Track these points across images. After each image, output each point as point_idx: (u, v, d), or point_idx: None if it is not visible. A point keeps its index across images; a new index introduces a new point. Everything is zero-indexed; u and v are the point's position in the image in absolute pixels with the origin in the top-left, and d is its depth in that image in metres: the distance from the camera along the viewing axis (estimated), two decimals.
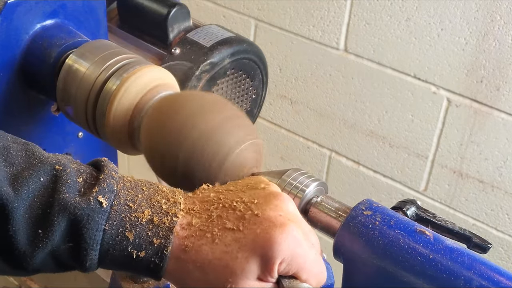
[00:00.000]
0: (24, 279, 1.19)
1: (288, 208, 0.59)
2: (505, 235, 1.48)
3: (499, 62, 1.35)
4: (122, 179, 0.61)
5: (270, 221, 0.57)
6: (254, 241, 0.56)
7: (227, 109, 0.78)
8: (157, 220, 0.58)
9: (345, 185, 1.73)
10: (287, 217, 0.58)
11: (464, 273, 0.63)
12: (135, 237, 0.57)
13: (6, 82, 0.89)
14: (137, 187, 0.61)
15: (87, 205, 0.57)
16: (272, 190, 0.61)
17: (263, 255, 0.56)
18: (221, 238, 0.57)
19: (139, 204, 0.59)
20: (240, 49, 1.03)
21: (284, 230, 0.56)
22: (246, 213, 0.58)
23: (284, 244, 0.56)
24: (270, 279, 0.57)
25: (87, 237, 0.56)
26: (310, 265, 0.58)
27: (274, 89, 1.76)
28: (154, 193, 0.60)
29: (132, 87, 0.82)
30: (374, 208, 0.70)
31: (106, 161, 0.63)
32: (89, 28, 0.97)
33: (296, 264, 0.57)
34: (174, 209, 0.59)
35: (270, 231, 0.56)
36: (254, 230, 0.56)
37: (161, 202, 0.59)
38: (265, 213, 0.57)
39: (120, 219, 0.57)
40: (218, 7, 1.77)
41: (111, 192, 0.58)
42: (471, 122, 1.43)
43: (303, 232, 0.59)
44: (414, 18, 1.43)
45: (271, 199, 0.59)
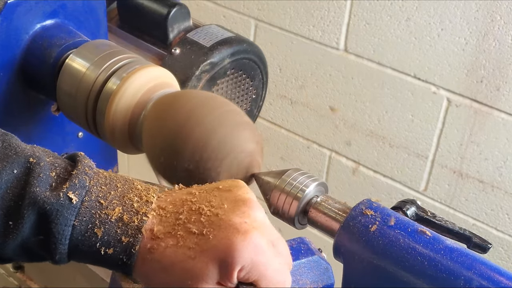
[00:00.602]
0: (24, 279, 1.19)
1: (256, 215, 0.59)
2: (505, 235, 1.48)
3: (499, 62, 1.35)
4: (97, 174, 0.61)
5: (233, 228, 0.56)
6: (215, 246, 0.56)
7: (227, 108, 0.78)
8: (127, 218, 0.58)
9: (345, 185, 1.73)
10: (252, 224, 0.57)
11: (464, 273, 0.63)
12: (104, 234, 0.58)
13: (6, 82, 0.89)
14: (111, 183, 0.61)
15: (56, 200, 0.57)
16: (243, 196, 0.60)
17: (223, 260, 0.56)
18: (184, 241, 0.57)
19: (110, 201, 0.59)
20: (240, 49, 1.03)
21: (246, 237, 0.56)
22: (212, 218, 0.58)
23: (245, 251, 0.56)
24: (230, 284, 0.57)
25: (56, 231, 0.57)
26: (271, 274, 0.57)
27: (274, 89, 1.76)
28: (128, 191, 0.60)
29: (132, 87, 0.82)
30: (374, 208, 0.70)
31: (82, 156, 0.63)
32: (89, 28, 0.97)
33: (256, 272, 0.56)
34: (145, 208, 0.59)
35: (232, 238, 0.56)
36: (216, 236, 0.56)
37: (133, 200, 0.59)
38: (231, 219, 0.57)
39: (90, 216, 0.58)
40: (218, 7, 1.77)
41: (82, 188, 0.59)
42: (471, 122, 1.43)
43: (268, 240, 0.58)
44: (414, 18, 1.43)
45: (240, 205, 0.59)
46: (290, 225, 0.77)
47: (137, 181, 0.62)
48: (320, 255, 0.80)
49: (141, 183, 0.62)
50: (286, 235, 0.83)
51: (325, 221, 0.74)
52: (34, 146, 0.63)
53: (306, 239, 0.84)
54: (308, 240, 0.84)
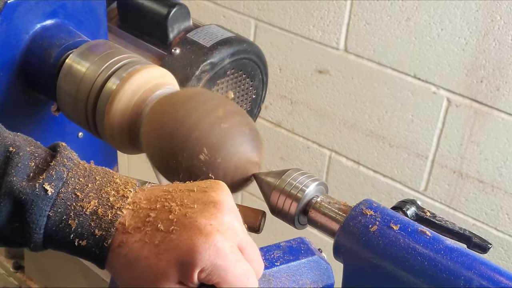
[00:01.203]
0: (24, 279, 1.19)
1: (223, 219, 0.58)
2: (505, 235, 1.48)
3: (499, 62, 1.35)
4: (77, 166, 0.62)
5: (197, 229, 0.56)
6: (178, 245, 0.56)
7: (227, 108, 0.78)
8: (102, 212, 0.59)
9: (345, 185, 1.73)
10: (217, 227, 0.57)
11: (464, 273, 0.63)
12: (78, 226, 0.58)
13: (6, 82, 0.89)
14: (90, 175, 0.61)
15: (32, 190, 0.58)
16: (216, 198, 0.60)
17: (183, 261, 0.56)
18: (151, 238, 0.57)
19: (87, 193, 0.60)
20: (240, 49, 1.03)
21: (207, 239, 0.56)
22: (180, 217, 0.58)
23: (205, 254, 0.55)
24: (190, 284, 0.57)
25: (30, 221, 0.58)
26: (232, 279, 0.57)
27: (274, 89, 1.76)
28: (106, 184, 0.61)
29: (132, 86, 0.82)
30: (374, 208, 0.70)
31: (62, 146, 0.63)
32: (89, 28, 0.97)
33: (217, 275, 0.56)
34: (120, 202, 0.59)
35: (194, 239, 0.56)
36: (180, 235, 0.57)
37: (109, 194, 0.60)
38: (197, 220, 0.57)
39: (65, 207, 0.59)
40: (218, 7, 1.77)
41: (59, 179, 0.59)
42: (471, 122, 1.43)
43: (233, 244, 0.58)
44: (414, 18, 1.43)
45: (210, 207, 0.59)
46: (290, 225, 0.77)
47: (117, 175, 0.63)
48: (320, 255, 0.80)
49: (121, 177, 0.62)
50: (286, 235, 0.83)
51: (325, 221, 0.74)
52: (17, 134, 0.63)
53: (306, 239, 0.84)
54: (308, 240, 0.84)
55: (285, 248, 0.82)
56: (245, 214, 0.75)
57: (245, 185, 0.78)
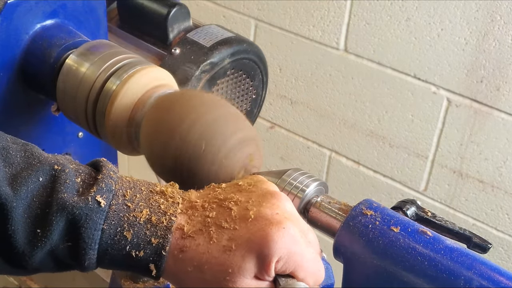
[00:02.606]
0: (24, 279, 1.19)
1: (285, 206, 0.59)
2: (505, 235, 1.48)
3: (499, 62, 1.35)
4: (121, 179, 0.61)
5: (266, 219, 0.56)
6: (250, 239, 0.56)
7: (226, 109, 0.78)
8: (155, 219, 0.58)
9: (345, 185, 1.73)
10: (284, 215, 0.57)
11: (464, 273, 0.63)
12: (133, 236, 0.57)
13: (6, 82, 0.89)
14: (135, 186, 0.61)
15: (85, 204, 0.57)
16: (270, 189, 0.61)
17: (259, 253, 0.55)
18: (217, 238, 0.57)
19: (137, 203, 0.59)
20: (240, 49, 1.03)
21: (280, 228, 0.56)
22: (242, 212, 0.58)
23: (281, 242, 0.55)
24: (267, 277, 0.57)
25: (86, 236, 0.57)
26: (307, 263, 0.57)
27: (274, 89, 1.76)
28: (153, 193, 0.60)
29: (132, 87, 0.82)
30: (374, 208, 0.70)
31: (104, 161, 0.63)
32: (89, 28, 0.97)
33: (293, 263, 0.56)
34: (172, 208, 0.59)
35: (267, 229, 0.56)
36: (250, 229, 0.56)
37: (159, 202, 0.59)
38: (262, 211, 0.57)
39: (119, 219, 0.58)
40: (218, 7, 1.77)
41: (109, 191, 0.59)
42: (471, 122, 1.43)
43: (301, 230, 0.58)
44: (414, 18, 1.43)
45: (268, 197, 0.59)
46: None
47: (159, 184, 0.62)
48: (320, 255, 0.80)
49: (164, 185, 0.62)
50: None
51: (325, 221, 0.74)
52: (56, 155, 0.62)
53: None
54: None
55: None
56: None
57: None
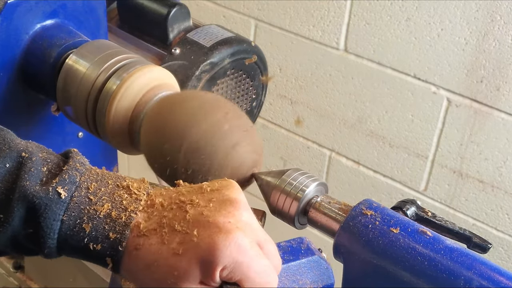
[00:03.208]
0: (24, 279, 1.19)
1: (241, 216, 0.58)
2: (505, 235, 1.48)
3: (499, 62, 1.35)
4: (89, 171, 0.62)
5: (217, 227, 0.56)
6: (198, 245, 0.56)
7: (226, 109, 0.78)
8: (115, 214, 0.58)
9: (345, 185, 1.73)
10: (236, 224, 0.57)
11: (464, 273, 0.63)
12: (92, 229, 0.58)
13: (6, 82, 0.89)
14: (103, 180, 0.61)
15: (45, 194, 0.58)
16: (231, 196, 0.60)
17: (205, 259, 0.56)
18: (168, 239, 0.57)
19: (100, 197, 0.60)
20: (240, 49, 1.03)
21: (228, 237, 0.56)
22: (197, 217, 0.58)
23: (226, 251, 0.55)
24: (212, 283, 0.57)
25: (44, 225, 0.58)
26: (254, 275, 0.57)
27: (274, 89, 1.76)
28: (119, 188, 0.61)
29: (132, 87, 0.82)
30: (374, 208, 0.70)
31: (75, 152, 0.63)
32: (89, 28, 0.97)
33: (239, 272, 0.56)
34: (134, 205, 0.59)
35: (214, 237, 0.56)
36: (200, 234, 0.56)
37: (122, 197, 0.60)
38: (215, 218, 0.57)
39: (79, 211, 0.59)
40: (218, 7, 1.77)
41: (72, 183, 0.59)
42: (471, 122, 1.43)
43: (253, 241, 0.57)
44: (414, 18, 1.43)
45: (226, 205, 0.59)
46: (290, 225, 0.77)
47: (129, 179, 0.63)
48: (320, 255, 0.80)
49: (133, 180, 0.62)
50: (286, 235, 0.83)
51: (325, 221, 0.74)
52: (29, 142, 0.63)
53: (306, 239, 0.84)
54: (308, 240, 0.84)
55: (285, 248, 0.82)
56: None
57: (245, 185, 0.78)
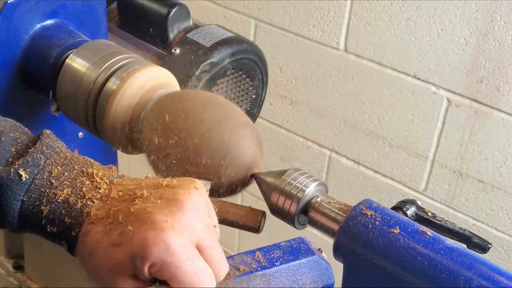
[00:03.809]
0: (24, 279, 1.19)
1: (182, 217, 0.58)
2: (505, 235, 1.48)
3: (499, 62, 1.35)
4: (58, 154, 0.63)
5: (152, 224, 0.57)
6: (132, 239, 0.57)
7: (227, 108, 0.78)
8: (73, 200, 0.60)
9: (345, 185, 1.73)
10: (173, 224, 0.57)
11: (464, 273, 0.63)
12: (49, 212, 0.60)
13: (6, 82, 0.89)
14: (69, 164, 0.63)
15: (7, 175, 0.60)
16: (180, 196, 0.59)
17: (136, 254, 0.56)
18: (111, 230, 0.58)
19: (62, 181, 0.61)
20: (240, 49, 1.03)
21: (159, 235, 0.56)
22: (141, 211, 0.58)
23: (154, 249, 0.56)
24: (142, 278, 0.57)
25: (5, 204, 0.60)
26: (184, 277, 0.56)
27: (274, 89, 1.76)
28: (83, 174, 0.62)
29: (132, 86, 0.82)
30: (374, 208, 0.70)
31: (45, 134, 0.65)
32: (89, 28, 0.97)
33: (167, 272, 0.56)
34: (92, 193, 0.60)
35: (146, 233, 0.56)
36: (136, 229, 0.57)
37: (84, 184, 0.61)
38: (154, 215, 0.57)
39: (39, 193, 0.61)
40: (218, 7, 1.77)
41: (35, 166, 0.61)
42: (471, 122, 1.43)
43: (189, 243, 0.57)
44: (414, 18, 1.43)
45: (172, 204, 0.59)
46: (290, 225, 0.77)
47: (98, 166, 0.64)
48: (320, 255, 0.80)
49: (101, 168, 0.63)
50: (286, 235, 0.83)
51: (325, 221, 0.74)
52: (6, 120, 0.65)
53: (306, 239, 0.84)
54: (308, 240, 0.84)
55: (285, 248, 0.82)
56: (245, 214, 0.75)
57: (245, 185, 0.78)
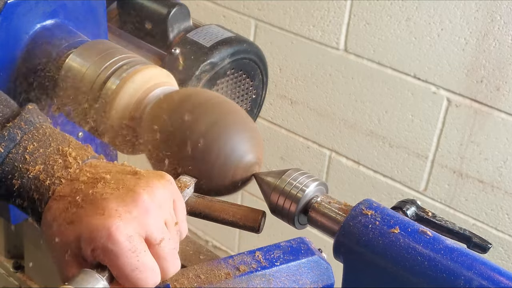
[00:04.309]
0: (24, 279, 1.19)
1: (133, 209, 0.58)
2: (505, 234, 1.48)
3: (499, 62, 1.35)
4: (37, 129, 0.65)
5: (103, 210, 0.58)
6: (81, 220, 0.58)
7: (228, 107, 0.78)
8: (43, 177, 0.62)
9: (345, 185, 1.73)
10: (121, 214, 0.57)
11: (464, 273, 0.63)
12: (20, 186, 0.63)
13: (6, 82, 0.89)
14: (46, 141, 0.64)
15: None
16: (139, 189, 0.59)
17: (82, 236, 0.58)
18: (68, 209, 0.59)
19: (35, 158, 0.63)
20: (240, 49, 1.03)
21: (104, 222, 0.57)
22: (97, 196, 0.59)
23: (97, 234, 0.57)
24: (86, 260, 0.58)
25: None
26: (122, 266, 0.57)
27: (274, 89, 1.76)
28: (57, 152, 0.64)
29: (132, 86, 0.82)
30: (374, 208, 0.70)
31: (27, 109, 0.66)
32: (89, 28, 0.97)
33: (107, 259, 0.57)
34: (62, 172, 0.62)
35: (94, 218, 0.57)
36: (89, 211, 0.58)
37: (56, 162, 0.63)
38: (108, 202, 0.58)
39: (12, 167, 0.63)
40: (218, 7, 1.77)
41: (11, 141, 0.63)
42: (471, 122, 1.43)
43: (136, 235, 0.57)
44: (414, 18, 1.43)
45: (128, 194, 0.59)
46: (290, 225, 0.77)
47: (74, 145, 0.65)
48: (320, 255, 0.80)
49: (76, 148, 0.65)
50: (286, 235, 0.83)
51: (325, 221, 0.74)
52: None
53: (306, 239, 0.84)
54: (308, 240, 0.84)
55: (285, 248, 0.82)
56: (245, 214, 0.75)
57: (245, 184, 0.78)
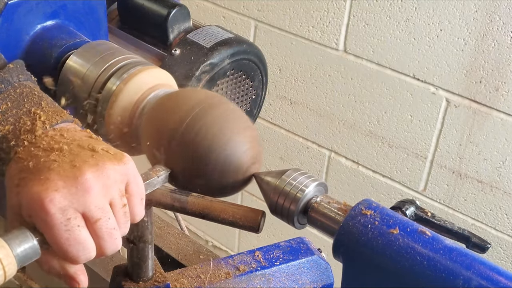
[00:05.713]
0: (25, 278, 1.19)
1: (74, 184, 0.59)
2: (504, 234, 1.49)
3: (498, 62, 1.35)
4: (14, 89, 0.66)
5: (45, 180, 0.59)
6: (26, 186, 0.59)
7: (228, 107, 0.78)
8: (10, 138, 0.63)
9: (344, 185, 1.73)
10: (60, 187, 0.58)
11: (463, 273, 0.63)
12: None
13: None
14: (21, 101, 0.66)
15: None
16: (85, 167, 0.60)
17: (20, 200, 0.59)
18: (20, 171, 0.61)
19: (7, 118, 0.64)
20: (240, 49, 1.03)
21: (41, 192, 0.58)
22: (46, 164, 0.60)
23: (30, 201, 0.58)
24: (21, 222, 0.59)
25: None
26: (53, 238, 0.58)
27: (274, 90, 1.76)
28: (29, 114, 0.65)
29: (132, 87, 0.82)
30: (373, 208, 0.71)
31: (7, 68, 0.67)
32: (89, 29, 0.97)
33: (42, 228, 0.58)
34: (27, 135, 0.63)
35: (34, 186, 0.59)
36: (34, 178, 0.59)
37: (25, 124, 0.64)
38: (52, 174, 0.59)
39: None
40: (218, 8, 1.78)
41: None
42: (470, 123, 1.44)
43: (71, 209, 0.58)
44: (413, 18, 1.43)
45: (74, 170, 0.60)
46: (290, 225, 0.77)
47: (48, 107, 0.66)
48: (319, 255, 0.80)
49: (48, 111, 0.66)
50: (286, 235, 0.83)
51: (325, 221, 0.74)
52: None
53: (306, 239, 0.85)
54: (308, 240, 0.85)
55: (285, 248, 0.82)
56: (245, 214, 0.75)
57: (245, 185, 0.78)
